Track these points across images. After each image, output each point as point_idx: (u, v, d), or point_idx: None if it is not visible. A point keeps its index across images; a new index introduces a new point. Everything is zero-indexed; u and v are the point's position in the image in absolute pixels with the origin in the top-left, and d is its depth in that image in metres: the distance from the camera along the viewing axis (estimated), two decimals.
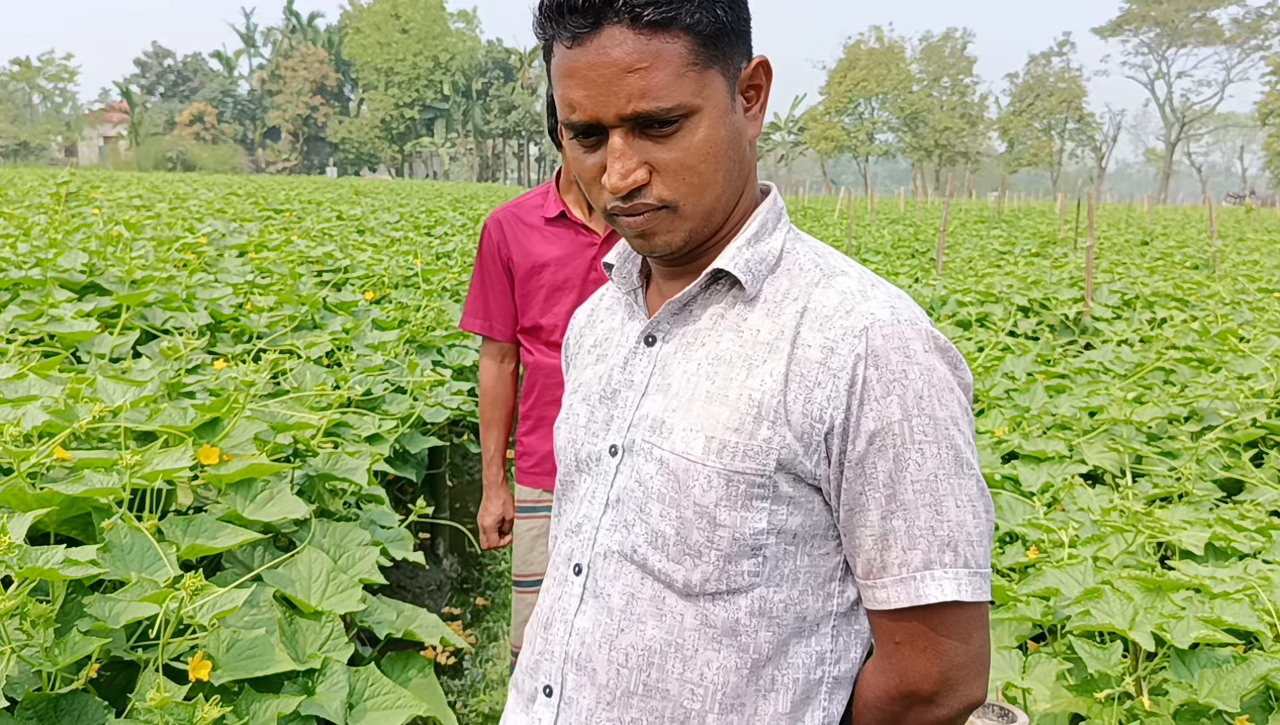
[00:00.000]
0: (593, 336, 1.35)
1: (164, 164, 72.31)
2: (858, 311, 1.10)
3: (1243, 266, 13.78)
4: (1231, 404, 4.62)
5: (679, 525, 1.13)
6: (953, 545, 1.08)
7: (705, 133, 1.10)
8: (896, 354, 1.08)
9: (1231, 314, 8.08)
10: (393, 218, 14.40)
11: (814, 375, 1.10)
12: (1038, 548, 3.22)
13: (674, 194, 1.11)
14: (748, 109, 1.17)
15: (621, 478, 1.19)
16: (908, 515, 1.08)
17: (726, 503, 1.11)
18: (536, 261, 2.80)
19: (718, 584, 1.13)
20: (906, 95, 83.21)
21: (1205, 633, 2.31)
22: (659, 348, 1.22)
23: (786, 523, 1.12)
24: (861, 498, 1.10)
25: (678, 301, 1.20)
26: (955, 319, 8.03)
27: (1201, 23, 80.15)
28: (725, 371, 1.14)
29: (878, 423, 1.07)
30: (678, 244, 1.15)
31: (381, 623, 2.61)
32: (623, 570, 1.18)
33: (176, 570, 2.21)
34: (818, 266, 1.18)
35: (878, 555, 1.10)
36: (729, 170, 1.14)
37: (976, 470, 1.12)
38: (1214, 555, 3.18)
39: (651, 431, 1.17)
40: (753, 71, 1.16)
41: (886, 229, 22.37)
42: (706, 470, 1.11)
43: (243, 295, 5.35)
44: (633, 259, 1.29)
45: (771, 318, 1.15)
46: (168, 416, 2.72)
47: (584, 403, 1.28)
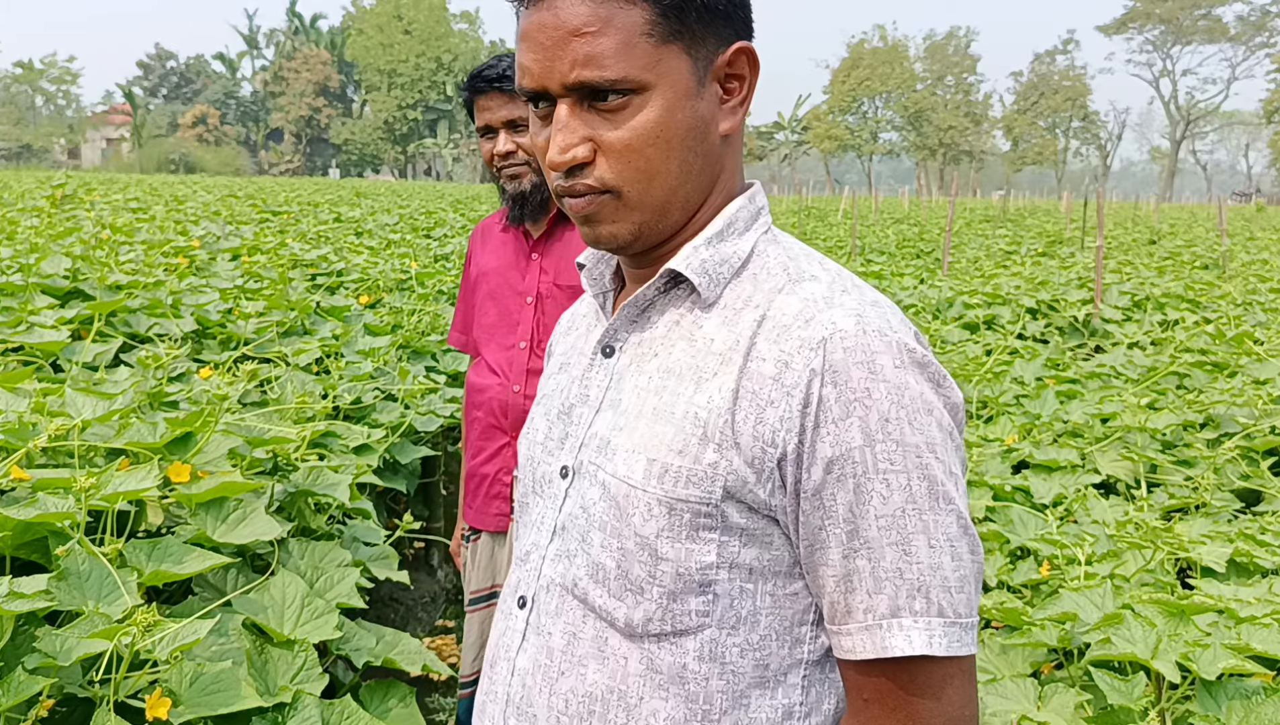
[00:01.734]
0: (564, 344, 1.23)
1: (167, 166, 72.31)
2: (818, 321, 0.97)
3: (1253, 266, 13.62)
4: (1249, 410, 4.48)
5: (620, 557, 1.00)
6: (924, 591, 0.94)
7: (656, 114, 0.98)
8: (859, 369, 0.94)
9: (1244, 315, 7.94)
10: (392, 219, 14.27)
11: (766, 392, 0.96)
12: (1050, 563, 3.09)
13: (616, 178, 1.00)
14: (725, 99, 1.04)
15: (569, 502, 1.07)
16: (872, 555, 0.94)
17: (669, 534, 0.98)
18: (482, 270, 2.68)
19: (661, 624, 1.00)
20: (910, 94, 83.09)
21: (1233, 662, 2.17)
22: (616, 359, 1.09)
23: (740, 557, 0.98)
24: (821, 533, 0.96)
25: (633, 306, 1.07)
26: (962, 321, 7.90)
27: (1206, 20, 79.96)
28: (674, 386, 1.01)
29: (836, 448, 0.94)
30: (625, 237, 1.03)
31: (360, 650, 2.48)
32: (565, 606, 1.06)
33: (137, 599, 2.08)
34: (785, 271, 1.04)
35: (841, 599, 0.96)
36: (685, 161, 1.01)
37: (958, 505, 0.96)
38: (1236, 572, 3.04)
39: (598, 452, 1.05)
40: (732, 58, 1.03)
41: (891, 229, 22.23)
42: (647, 497, 0.98)
43: (231, 300, 5.22)
44: (606, 260, 1.17)
45: (728, 326, 1.02)
46: (136, 432, 2.59)
47: (544, 417, 1.17)
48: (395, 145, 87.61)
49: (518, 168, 2.49)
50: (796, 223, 21.82)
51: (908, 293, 9.31)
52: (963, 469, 1.00)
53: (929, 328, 7.38)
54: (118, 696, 1.87)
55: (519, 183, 2.50)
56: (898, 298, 9.03)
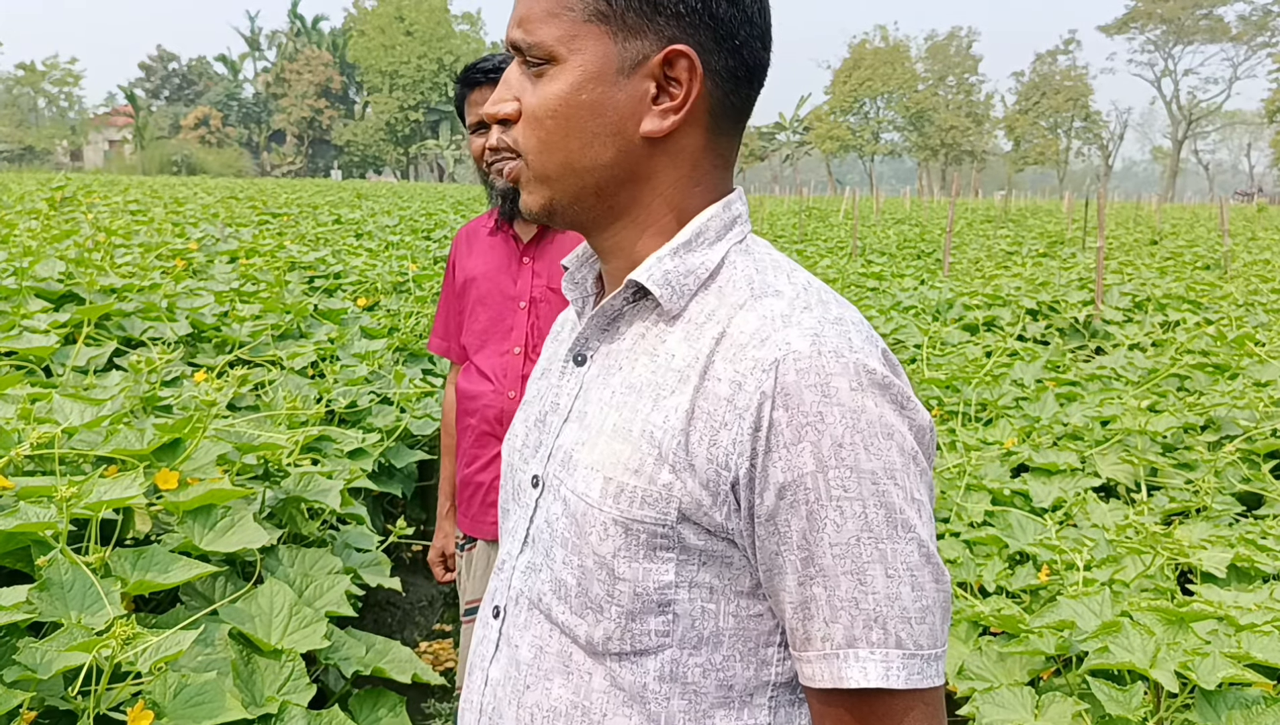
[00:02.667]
0: (549, 350, 1.22)
1: (169, 167, 72.33)
2: (773, 340, 0.92)
3: (1254, 266, 13.58)
4: (1250, 413, 4.44)
5: (580, 575, 0.98)
6: (880, 622, 0.90)
7: (559, 88, 0.99)
8: (811, 392, 0.90)
9: (1246, 317, 7.90)
10: (392, 221, 14.24)
11: (720, 414, 0.93)
12: (1049, 568, 3.06)
13: (522, 142, 1.03)
14: (655, 99, 0.99)
15: (539, 514, 1.06)
16: (827, 583, 0.91)
17: (626, 553, 0.95)
18: (469, 275, 2.63)
19: (621, 644, 0.97)
20: (912, 94, 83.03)
21: (1233, 671, 2.14)
22: (586, 368, 1.07)
23: (699, 576, 0.96)
24: (778, 558, 0.92)
25: (601, 315, 1.05)
26: (962, 323, 7.87)
27: (1208, 20, 79.87)
28: (633, 402, 0.98)
29: (787, 474, 0.90)
30: (536, 209, 1.05)
31: (349, 659, 2.45)
32: (532, 619, 1.04)
33: (120, 609, 2.05)
34: (750, 285, 0.99)
35: (800, 625, 0.93)
36: (586, 144, 1.00)
37: (920, 533, 0.92)
38: (1236, 577, 3.01)
39: (561, 466, 1.03)
40: (668, 59, 0.98)
41: (892, 229, 22.20)
42: (603, 516, 0.96)
43: (227, 303, 5.20)
44: (590, 263, 1.14)
45: (689, 342, 0.98)
46: (123, 438, 2.56)
47: (524, 423, 1.15)
48: (397, 146, 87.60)
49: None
50: (797, 223, 21.79)
51: (908, 294, 9.28)
52: (929, 495, 0.96)
53: (928, 329, 7.35)
54: (99, 709, 1.84)
55: None
56: (898, 299, 9.00)
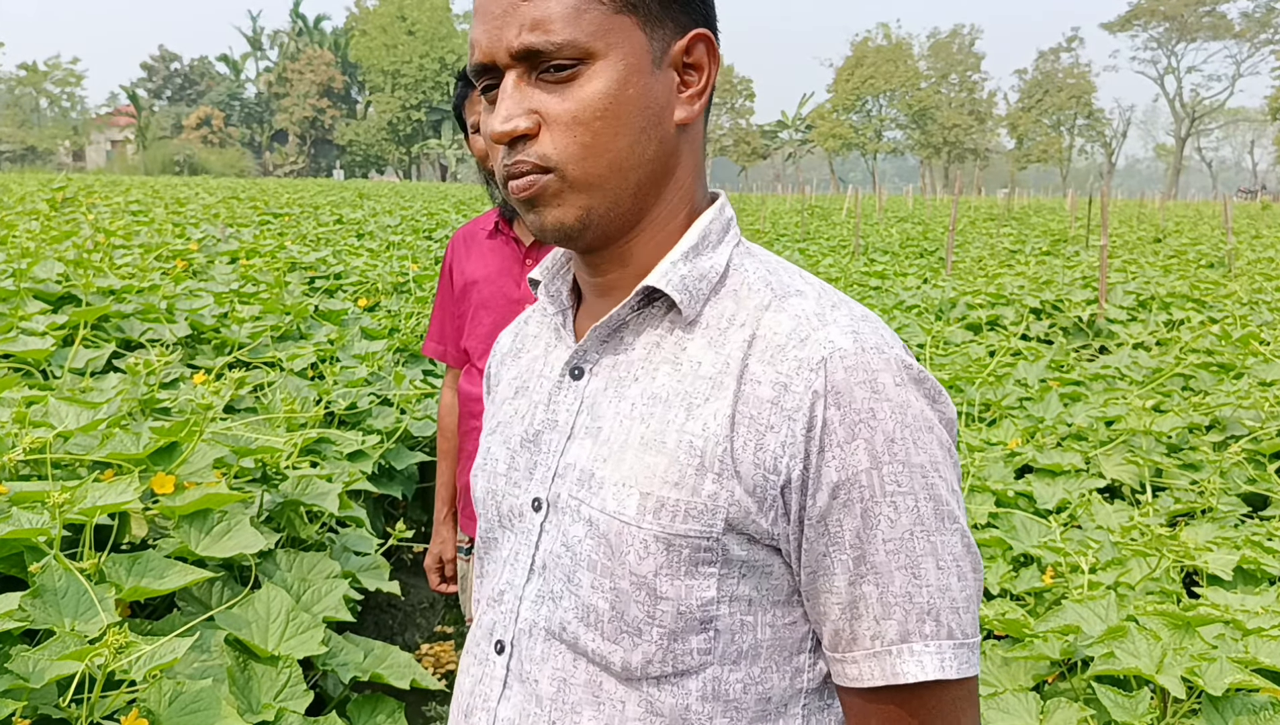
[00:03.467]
0: (515, 367, 1.15)
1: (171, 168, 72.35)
2: (814, 339, 0.92)
3: (1259, 264, 13.54)
4: (1255, 413, 4.42)
5: (614, 598, 0.94)
6: (934, 614, 0.90)
7: (604, 85, 0.92)
8: (862, 389, 0.89)
9: (1250, 315, 7.87)
10: (394, 221, 14.21)
11: (765, 417, 0.91)
12: (1054, 571, 3.03)
13: (559, 153, 0.93)
14: (683, 89, 0.98)
15: (548, 539, 1.00)
16: (880, 580, 0.90)
17: (668, 571, 0.92)
18: (469, 279, 2.59)
19: (662, 666, 0.94)
20: (914, 92, 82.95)
21: (1240, 677, 2.11)
22: (586, 382, 1.02)
23: (739, 589, 0.93)
24: (826, 560, 0.91)
25: (605, 326, 1.00)
26: (965, 322, 7.83)
27: (1211, 17, 79.72)
28: (662, 413, 0.95)
29: (842, 473, 0.89)
30: (570, 223, 0.95)
31: (346, 665, 2.43)
32: (552, 651, 0.98)
33: (114, 616, 2.03)
34: (769, 286, 0.98)
35: (846, 625, 0.92)
36: (636, 141, 0.94)
37: (962, 523, 0.93)
38: (1243, 579, 2.98)
39: (579, 485, 0.97)
40: (690, 44, 0.97)
41: (895, 227, 22.15)
42: (643, 533, 0.92)
43: (226, 304, 5.18)
44: (563, 275, 1.09)
45: (714, 348, 0.96)
46: (119, 442, 2.54)
47: (504, 445, 1.08)
48: (399, 146, 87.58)
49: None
50: (800, 222, 21.74)
51: (911, 293, 9.25)
52: (960, 484, 0.97)
53: (931, 329, 7.32)
54: (93, 718, 1.82)
55: None
56: (901, 298, 8.97)
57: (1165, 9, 79.99)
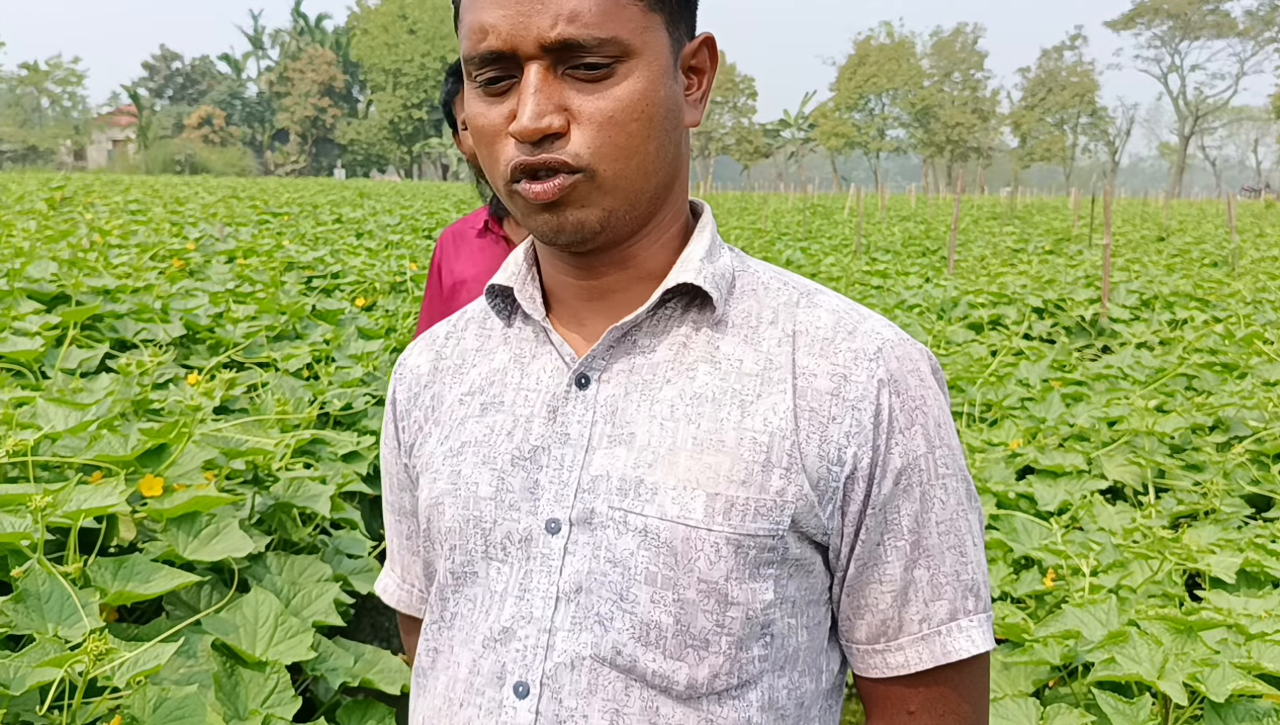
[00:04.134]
0: (462, 383, 1.05)
1: (172, 167, 72.38)
2: (861, 331, 0.94)
3: (1262, 263, 13.49)
4: (1259, 413, 4.38)
5: (678, 611, 0.89)
6: (975, 589, 0.94)
7: (641, 85, 0.88)
8: (913, 377, 0.93)
9: (1254, 314, 7.83)
10: (393, 220, 14.19)
11: (826, 409, 0.91)
12: (1055, 573, 2.99)
13: (593, 154, 0.87)
14: (688, 91, 0.95)
15: (577, 560, 0.92)
16: (932, 562, 0.93)
17: (738, 575, 0.89)
18: (458, 278, 2.55)
19: (728, 678, 0.90)
20: (917, 91, 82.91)
21: (1243, 682, 2.07)
22: (596, 390, 0.96)
23: (788, 590, 0.93)
24: (879, 549, 0.92)
25: (619, 329, 0.95)
26: (967, 321, 7.79)
27: (1215, 15, 79.64)
28: (712, 412, 0.92)
29: (904, 458, 0.92)
30: (593, 224, 0.90)
31: (336, 670, 2.39)
32: (600, 681, 0.91)
33: (98, 621, 2.00)
34: (787, 285, 0.99)
35: (895, 613, 0.93)
36: (661, 144, 0.91)
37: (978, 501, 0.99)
38: (1246, 582, 2.94)
39: (621, 495, 0.91)
40: (697, 49, 0.95)
41: (897, 226, 22.12)
42: (713, 536, 0.88)
43: (222, 304, 5.14)
44: (532, 280, 1.03)
45: (750, 345, 0.94)
46: (106, 444, 2.50)
47: (484, 467, 0.98)
48: (401, 145, 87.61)
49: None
50: (801, 221, 21.71)
51: (912, 292, 9.21)
52: None
53: (933, 328, 7.28)
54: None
55: None
56: (902, 298, 8.93)
57: (1169, 7, 79.92)
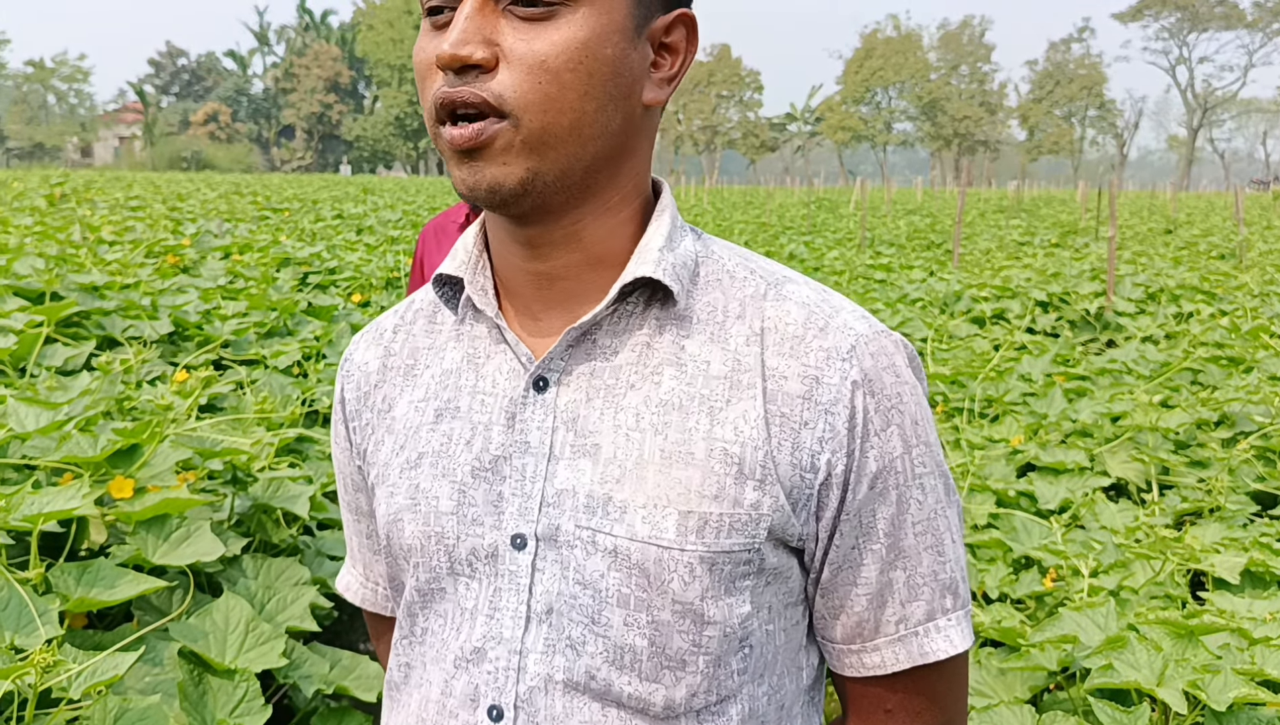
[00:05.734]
0: (415, 387, 0.98)
1: (179, 163, 72.45)
2: (834, 327, 0.87)
3: (1270, 256, 13.38)
4: (1265, 408, 4.29)
5: (653, 633, 0.84)
6: (953, 587, 0.91)
7: (582, 33, 0.80)
8: (888, 374, 0.87)
9: (1261, 307, 7.73)
10: (395, 215, 14.12)
11: (798, 413, 0.85)
12: (1055, 574, 2.92)
13: (517, 98, 0.80)
14: (655, 69, 0.87)
15: (547, 579, 0.87)
16: (908, 564, 0.89)
17: (713, 593, 0.84)
18: None
19: (707, 696, 0.86)
20: (924, 84, 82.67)
21: (1245, 690, 2.00)
22: (555, 394, 0.89)
23: (764, 599, 0.88)
24: (855, 552, 0.88)
25: (579, 328, 0.87)
26: (970, 315, 7.71)
27: (1223, 7, 79.28)
28: (679, 420, 0.85)
29: (880, 462, 0.87)
30: (511, 185, 0.82)
31: (310, 677, 2.33)
32: (575, 705, 0.87)
33: (57, 629, 1.93)
34: (754, 273, 0.91)
35: (871, 614, 0.90)
36: (603, 107, 0.83)
37: (956, 493, 0.94)
38: (1251, 583, 2.86)
39: (589, 513, 0.85)
40: (671, 25, 0.87)
41: (903, 220, 22.01)
42: (687, 557, 0.83)
43: (213, 301, 5.08)
44: (483, 270, 0.95)
45: (717, 343, 0.87)
46: (75, 444, 2.44)
47: (442, 478, 0.92)
48: (407, 141, 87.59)
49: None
50: (807, 214, 21.60)
51: (915, 286, 9.12)
52: None
53: (935, 322, 7.20)
54: None
55: None
56: (905, 292, 8.85)
57: None
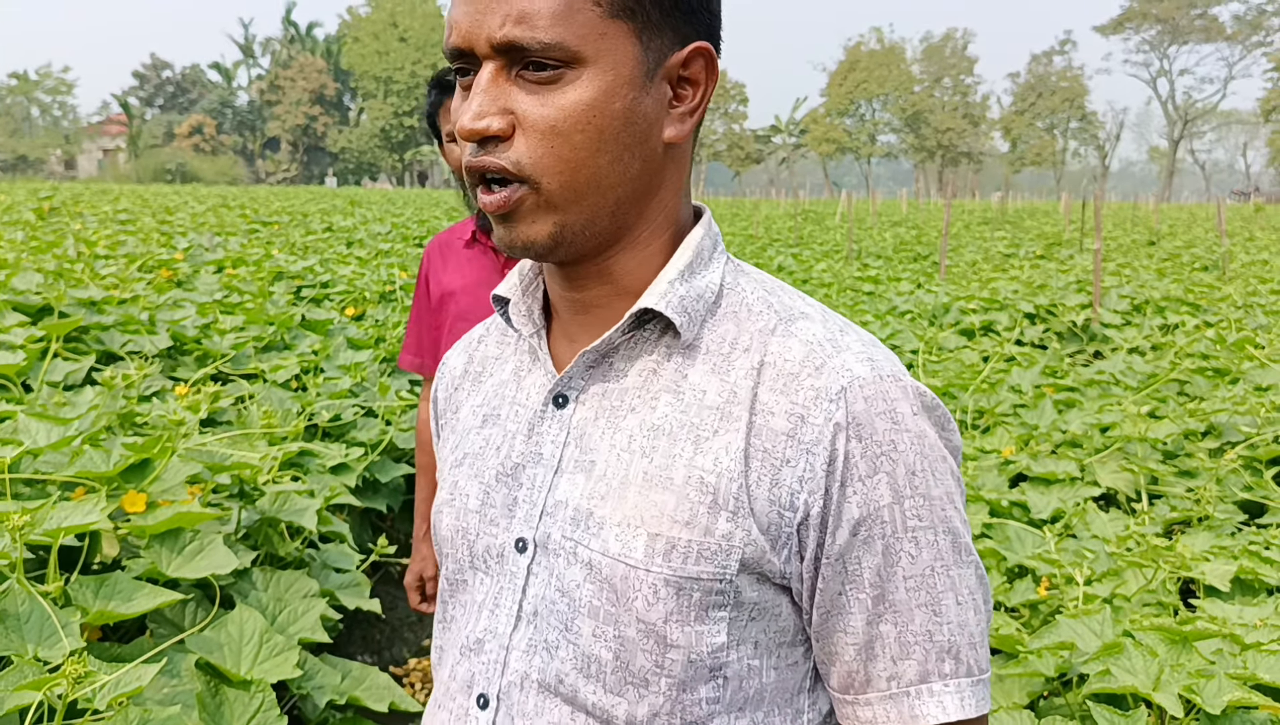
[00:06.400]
0: (478, 393, 1.06)
1: (163, 176, 72.19)
2: (830, 367, 0.87)
3: (1253, 267, 13.52)
4: (1251, 418, 4.37)
5: (618, 648, 0.88)
6: (954, 651, 0.87)
7: (588, 94, 0.84)
8: (882, 420, 0.86)
9: (1245, 318, 7.83)
10: (384, 228, 14.14)
11: (780, 451, 0.86)
12: (1049, 582, 2.97)
13: (534, 164, 0.85)
14: (675, 104, 0.91)
15: (537, 583, 0.92)
16: (899, 619, 0.87)
17: (678, 617, 0.86)
18: (446, 290, 2.51)
19: (669, 718, 0.88)
20: (908, 96, 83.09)
21: (1239, 694, 2.06)
22: (572, 411, 0.94)
23: (748, 633, 0.88)
24: (841, 599, 0.87)
25: (594, 351, 0.93)
26: (959, 327, 7.78)
27: (1203, 19, 79.98)
28: (666, 446, 0.88)
29: (863, 509, 0.85)
30: (542, 241, 0.88)
31: (323, 688, 2.36)
32: (546, 705, 0.91)
33: (78, 641, 1.97)
34: (770, 307, 0.93)
35: (861, 667, 0.88)
36: (618, 157, 0.87)
37: (975, 554, 0.90)
38: (1240, 590, 2.93)
39: (574, 525, 0.90)
40: (688, 58, 0.90)
41: (889, 231, 22.14)
42: (651, 577, 0.86)
43: (210, 315, 5.11)
44: (533, 291, 1.01)
45: (718, 375, 0.90)
46: (88, 460, 2.47)
47: (475, 479, 1.00)
48: (392, 153, 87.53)
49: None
50: (793, 226, 21.71)
51: (904, 298, 9.20)
52: None
53: (925, 335, 7.27)
54: None
55: None
56: (894, 304, 8.92)
57: (1157, 11, 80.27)
